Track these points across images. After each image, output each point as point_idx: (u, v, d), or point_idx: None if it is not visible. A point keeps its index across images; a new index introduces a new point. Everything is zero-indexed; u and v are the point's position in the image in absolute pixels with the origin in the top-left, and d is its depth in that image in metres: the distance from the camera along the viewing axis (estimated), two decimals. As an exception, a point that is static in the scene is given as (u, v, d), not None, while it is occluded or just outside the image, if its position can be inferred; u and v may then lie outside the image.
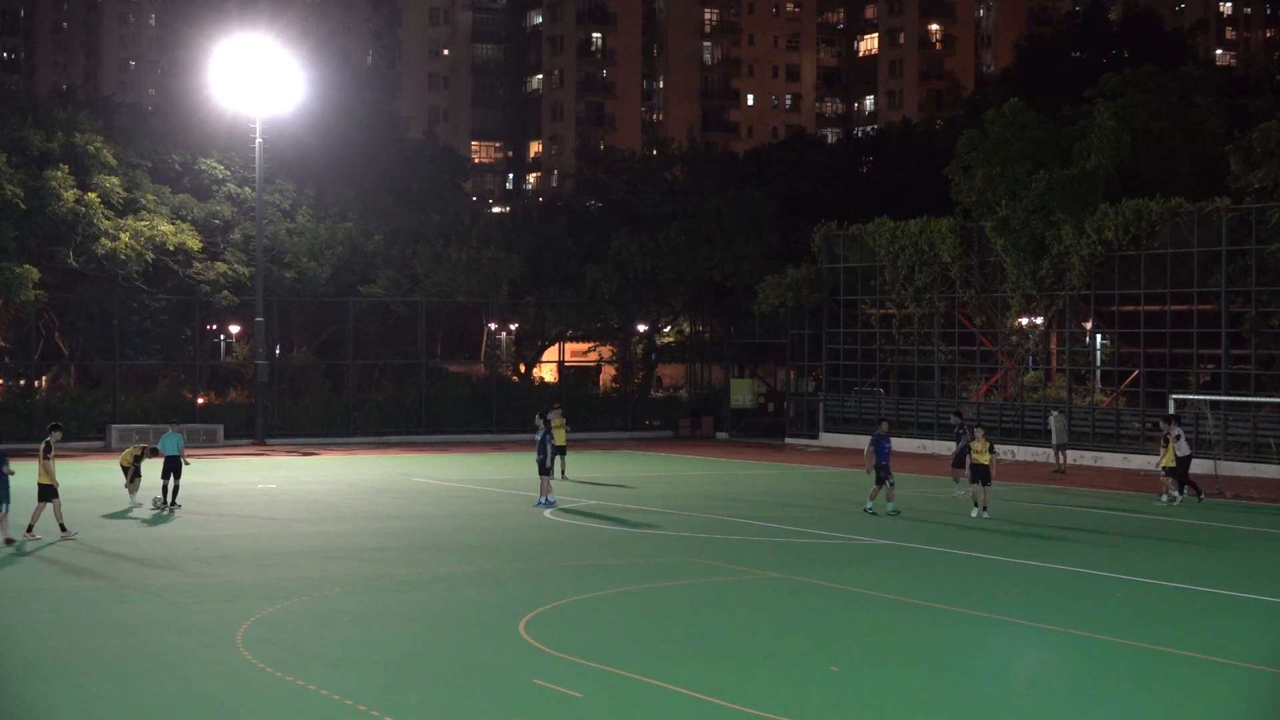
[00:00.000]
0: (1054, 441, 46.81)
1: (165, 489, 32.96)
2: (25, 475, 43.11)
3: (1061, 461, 46.65)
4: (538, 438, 34.94)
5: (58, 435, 28.69)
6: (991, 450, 32.70)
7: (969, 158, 54.22)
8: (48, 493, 27.74)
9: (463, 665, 17.83)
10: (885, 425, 34.16)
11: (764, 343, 66.05)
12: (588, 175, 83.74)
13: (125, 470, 33.43)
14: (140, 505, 33.04)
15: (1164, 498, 36.44)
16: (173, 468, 33.01)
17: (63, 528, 27.92)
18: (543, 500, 34.52)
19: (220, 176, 60.08)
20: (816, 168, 77.74)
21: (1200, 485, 37.09)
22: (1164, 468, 36.50)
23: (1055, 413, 47.97)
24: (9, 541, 27.15)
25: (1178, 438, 36.37)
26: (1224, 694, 16.80)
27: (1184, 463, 36.53)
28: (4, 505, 27.04)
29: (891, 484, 33.14)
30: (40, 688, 16.46)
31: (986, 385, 56.49)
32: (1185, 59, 69.59)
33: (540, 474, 34.84)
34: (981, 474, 32.61)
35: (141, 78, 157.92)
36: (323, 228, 59.97)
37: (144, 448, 34.27)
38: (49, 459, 27.88)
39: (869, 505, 33.47)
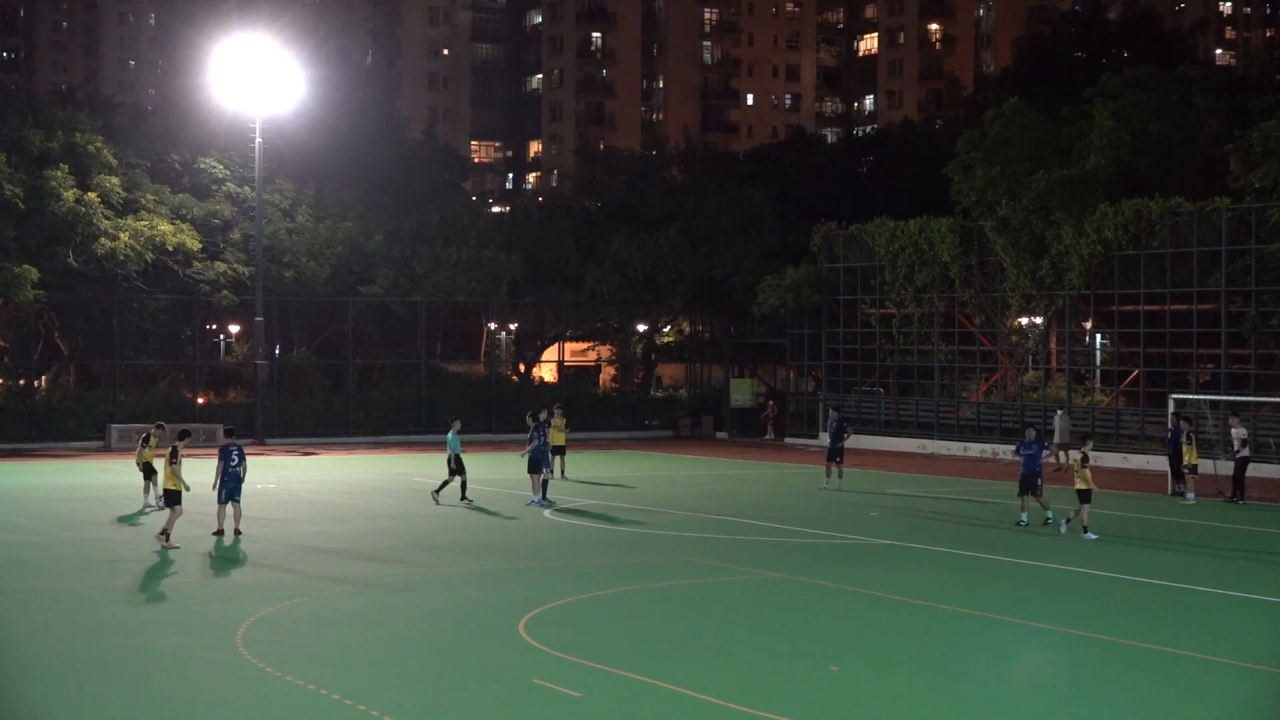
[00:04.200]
0: (1055, 440, 46.93)
1: (460, 484, 34.98)
2: (19, 476, 43.10)
3: (1062, 460, 46.70)
4: (541, 440, 34.98)
5: (186, 441, 28.47)
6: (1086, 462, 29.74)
7: (969, 157, 54.21)
8: (173, 498, 27.47)
9: (462, 665, 17.85)
10: (1032, 432, 32.54)
11: (764, 342, 66.05)
12: (587, 175, 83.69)
13: (150, 468, 33.21)
14: (151, 507, 32.81)
15: (1189, 496, 36.57)
16: (452, 464, 34.84)
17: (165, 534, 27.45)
18: (537, 499, 34.65)
19: (220, 176, 60.04)
20: (816, 167, 77.68)
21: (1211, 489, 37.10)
22: (1187, 466, 36.70)
23: (1060, 412, 48.12)
24: (237, 533, 27.99)
25: (1240, 439, 36.88)
26: (1224, 693, 16.82)
27: (1241, 464, 36.92)
28: (238, 496, 28.14)
29: (1038, 493, 31.20)
30: (40, 687, 16.48)
31: (986, 385, 56.50)
32: (1185, 59, 69.49)
33: (529, 472, 35.05)
34: (1084, 496, 29.55)
35: (141, 77, 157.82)
36: (322, 227, 59.95)
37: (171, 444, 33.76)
38: (176, 464, 27.51)
39: (1024, 519, 31.46)
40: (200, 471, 30.86)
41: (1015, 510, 31.97)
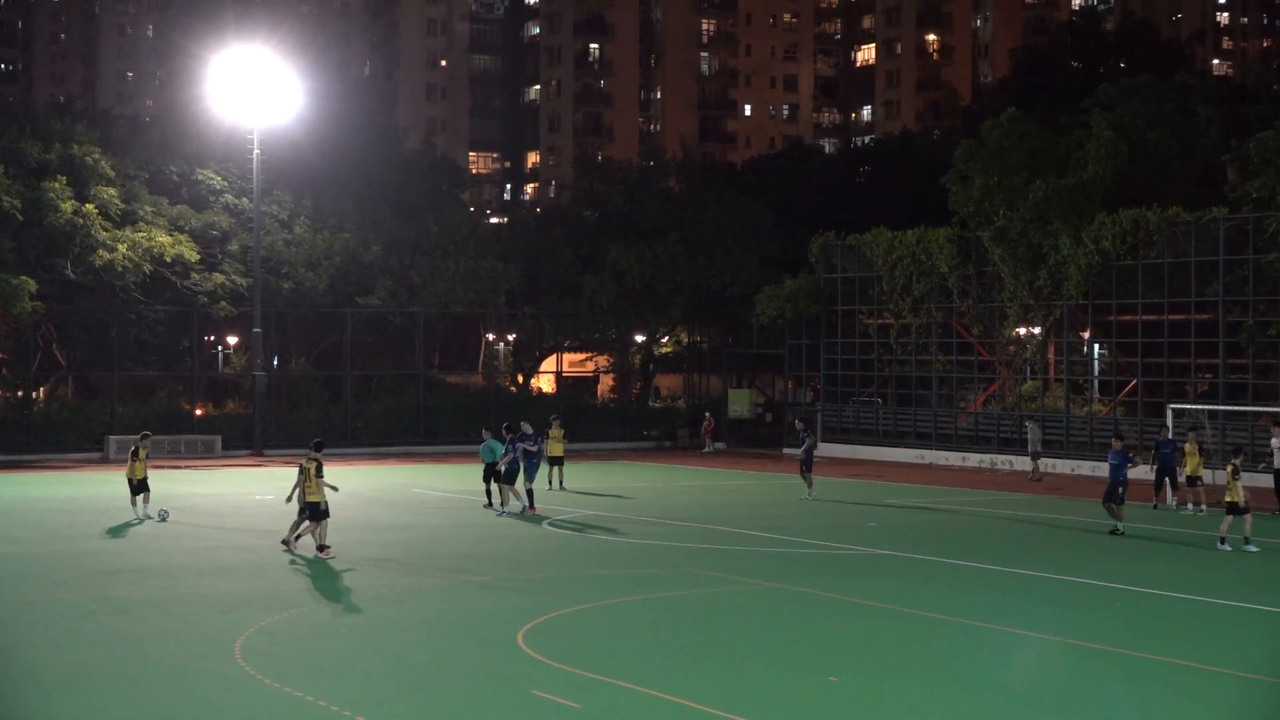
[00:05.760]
0: (1030, 449, 47.00)
1: (488, 492, 35.66)
2: (17, 487, 42.97)
3: (1035, 469, 46.70)
4: (515, 452, 34.97)
5: (324, 451, 27.96)
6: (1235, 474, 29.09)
7: (966, 167, 54.25)
8: (318, 512, 27.35)
9: (461, 676, 17.84)
10: (1118, 442, 32.10)
11: (762, 353, 66.05)
12: (585, 185, 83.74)
13: (143, 483, 32.91)
14: (150, 518, 32.65)
15: (1189, 507, 36.38)
16: (492, 474, 35.37)
17: (321, 547, 27.31)
18: (505, 510, 34.64)
19: (218, 187, 60.04)
20: (814, 178, 77.75)
21: (1199, 497, 36.83)
22: (1188, 477, 36.43)
23: (1030, 422, 48.14)
24: (321, 548, 27.50)
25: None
26: (1222, 703, 16.82)
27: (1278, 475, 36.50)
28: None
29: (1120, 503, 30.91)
30: (41, 698, 16.47)
31: (984, 395, 56.51)
32: (1182, 69, 69.58)
33: (504, 483, 35.04)
34: (1232, 508, 29.19)
35: (139, 89, 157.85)
36: (320, 238, 59.95)
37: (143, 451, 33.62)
38: (320, 477, 27.41)
39: (1120, 527, 31.47)
40: (209, 482, 30.80)
41: (1014, 518, 31.96)
